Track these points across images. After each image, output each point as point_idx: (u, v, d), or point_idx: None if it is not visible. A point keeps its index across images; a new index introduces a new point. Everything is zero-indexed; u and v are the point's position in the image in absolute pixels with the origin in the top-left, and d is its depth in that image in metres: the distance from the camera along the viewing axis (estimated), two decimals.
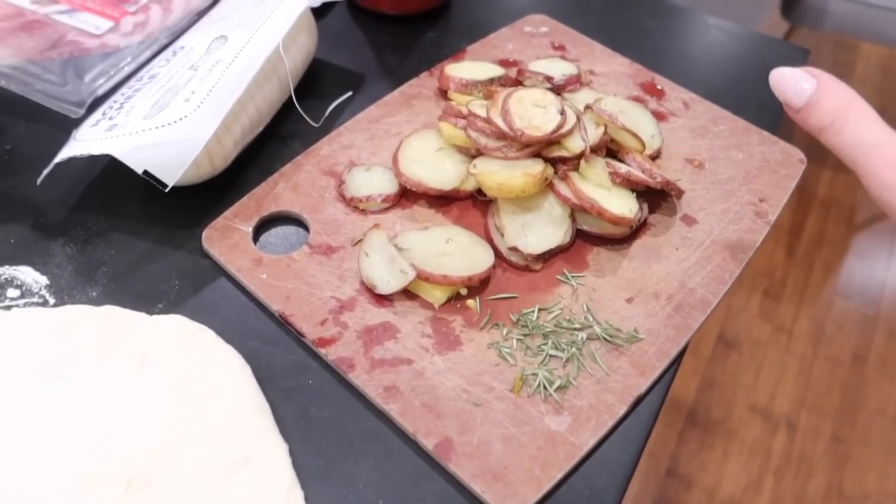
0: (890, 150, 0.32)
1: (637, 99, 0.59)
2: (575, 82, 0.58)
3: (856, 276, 1.58)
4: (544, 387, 0.42)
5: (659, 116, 0.57)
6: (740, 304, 1.50)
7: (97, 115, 0.50)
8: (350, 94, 0.60)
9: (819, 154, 0.51)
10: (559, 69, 0.58)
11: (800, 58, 0.65)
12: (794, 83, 0.35)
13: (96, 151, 0.46)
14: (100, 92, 0.58)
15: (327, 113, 0.58)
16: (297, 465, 0.39)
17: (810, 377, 1.42)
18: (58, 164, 0.48)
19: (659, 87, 0.60)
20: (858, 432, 1.34)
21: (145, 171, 0.46)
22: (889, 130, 0.33)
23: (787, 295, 1.54)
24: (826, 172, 1.75)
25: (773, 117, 0.59)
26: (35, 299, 0.46)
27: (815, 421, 1.35)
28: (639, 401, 0.43)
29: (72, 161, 0.48)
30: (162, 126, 0.46)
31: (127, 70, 0.59)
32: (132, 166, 0.46)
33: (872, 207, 1.70)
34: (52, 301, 0.46)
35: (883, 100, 1.88)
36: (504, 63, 0.61)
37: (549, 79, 0.57)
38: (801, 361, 1.44)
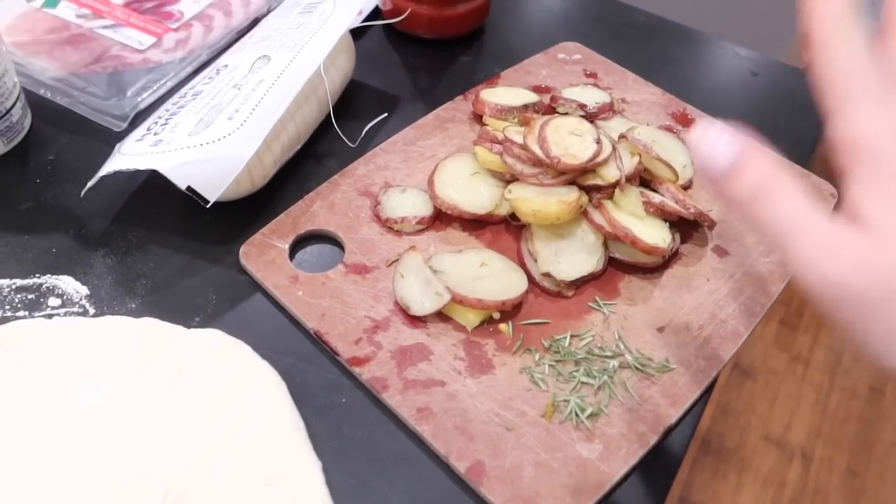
0: (819, 230, 0.28)
1: (668, 128, 0.59)
2: (608, 110, 0.58)
3: None
4: (576, 414, 0.42)
5: None
6: (756, 332, 1.50)
7: (142, 129, 0.51)
8: (385, 115, 0.61)
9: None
10: (592, 97, 0.59)
11: None
12: (713, 148, 0.30)
13: (142, 166, 0.47)
14: (142, 106, 0.59)
15: (363, 133, 0.59)
16: (329, 484, 0.40)
17: (826, 408, 1.41)
18: (100, 177, 0.49)
19: (690, 117, 0.61)
20: (874, 466, 1.33)
21: (188, 187, 0.47)
22: (817, 208, 0.29)
23: (803, 324, 1.53)
24: None
25: (805, 151, 0.60)
26: (75, 309, 0.47)
27: (830, 453, 1.34)
28: (669, 431, 0.43)
29: (114, 174, 0.49)
30: (206, 143, 0.47)
31: (168, 85, 0.61)
32: (177, 182, 0.47)
33: None
34: (91, 311, 0.47)
35: None
36: (537, 89, 0.62)
37: (582, 106, 0.57)
38: (818, 392, 1.43)
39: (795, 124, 0.63)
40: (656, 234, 0.48)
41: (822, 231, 0.28)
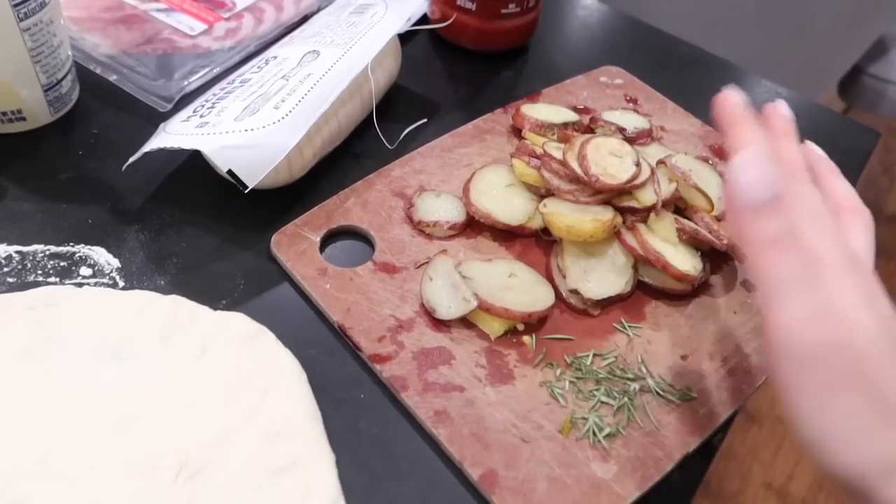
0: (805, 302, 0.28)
1: (705, 159, 0.59)
2: (646, 136, 0.59)
3: None
4: (594, 432, 0.42)
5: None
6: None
7: (188, 111, 0.52)
8: (425, 120, 0.61)
9: None
10: (632, 122, 0.59)
11: (871, 140, 0.65)
12: (758, 176, 0.29)
13: (187, 146, 0.47)
14: (188, 89, 0.60)
15: (402, 136, 0.59)
16: (341, 477, 0.40)
17: None
18: (143, 153, 0.50)
19: (727, 151, 0.61)
20: None
21: (229, 171, 0.47)
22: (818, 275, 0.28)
23: None
24: None
25: None
26: (106, 280, 0.48)
27: None
28: (686, 459, 0.42)
29: (153, 153, 0.49)
30: (251, 129, 0.48)
31: (215, 72, 0.62)
32: (219, 164, 0.47)
33: None
34: (121, 284, 0.48)
35: None
36: (577, 109, 0.62)
37: (621, 130, 0.58)
38: None
39: None
40: (688, 262, 0.48)
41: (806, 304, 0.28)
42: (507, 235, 0.52)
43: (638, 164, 0.49)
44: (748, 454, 1.37)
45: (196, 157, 0.48)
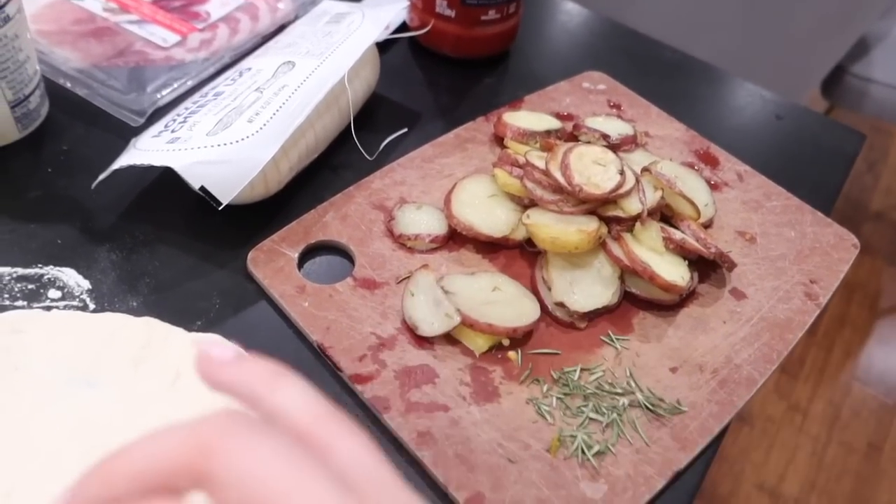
0: None
1: (690, 166, 0.59)
2: (630, 142, 0.58)
3: (876, 362, 1.55)
4: (582, 451, 0.41)
5: (713, 186, 0.57)
6: None
7: (159, 126, 0.50)
8: (405, 130, 0.60)
9: None
10: (615, 128, 0.58)
11: (856, 142, 0.65)
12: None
13: (157, 163, 0.46)
14: (161, 103, 0.59)
15: (381, 147, 0.58)
16: None
17: (823, 461, 1.39)
18: (113, 171, 0.48)
19: (713, 156, 0.60)
20: None
21: (201, 187, 0.46)
22: None
23: (804, 374, 1.51)
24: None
25: (827, 198, 0.59)
26: (75, 303, 0.46)
27: None
28: (677, 476, 0.41)
29: (126, 169, 0.48)
30: (224, 144, 0.46)
31: (189, 84, 0.60)
32: (190, 181, 0.46)
33: None
34: (91, 306, 0.46)
35: None
36: (560, 116, 0.61)
37: (605, 136, 0.57)
38: (815, 444, 1.41)
39: (818, 171, 0.62)
40: (675, 272, 0.47)
41: None
42: (490, 248, 0.51)
43: (622, 173, 0.48)
44: (740, 455, 1.37)
45: (169, 172, 0.46)
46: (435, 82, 0.66)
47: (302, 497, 0.21)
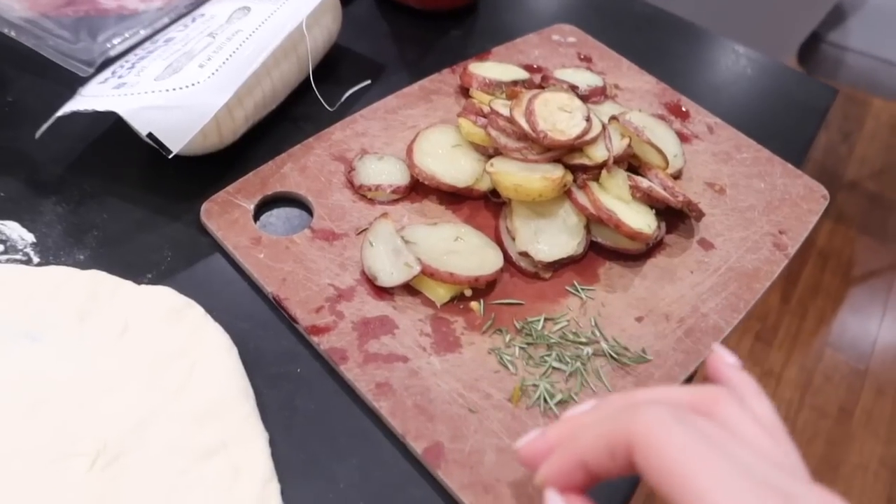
0: None
1: (661, 118, 0.57)
2: (600, 94, 0.56)
3: (848, 329, 1.57)
4: (545, 399, 0.40)
5: (682, 138, 0.55)
6: (731, 345, 1.47)
7: (106, 73, 0.48)
8: (368, 82, 0.58)
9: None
10: (584, 80, 0.57)
11: (828, 96, 0.64)
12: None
13: (101, 108, 0.44)
14: (112, 53, 0.56)
15: (343, 98, 0.56)
16: (276, 457, 0.37)
17: (795, 425, 1.40)
18: (59, 121, 0.46)
19: (684, 109, 0.59)
20: (839, 486, 1.32)
21: (150, 135, 0.44)
22: None
23: (778, 341, 1.53)
24: (827, 223, 1.75)
25: (798, 151, 0.58)
26: (19, 256, 0.44)
27: None
28: None
29: (74, 119, 0.46)
30: (173, 89, 0.44)
31: (142, 34, 0.57)
32: (137, 127, 0.44)
33: (870, 262, 1.70)
34: (36, 260, 0.44)
35: (890, 157, 1.89)
36: (529, 68, 0.60)
37: (573, 88, 0.55)
38: (788, 408, 1.42)
39: (790, 125, 0.61)
40: (641, 220, 0.46)
41: None
42: (453, 198, 0.50)
43: (588, 119, 0.47)
44: None
45: (121, 123, 0.44)
46: (400, 35, 0.64)
47: None
